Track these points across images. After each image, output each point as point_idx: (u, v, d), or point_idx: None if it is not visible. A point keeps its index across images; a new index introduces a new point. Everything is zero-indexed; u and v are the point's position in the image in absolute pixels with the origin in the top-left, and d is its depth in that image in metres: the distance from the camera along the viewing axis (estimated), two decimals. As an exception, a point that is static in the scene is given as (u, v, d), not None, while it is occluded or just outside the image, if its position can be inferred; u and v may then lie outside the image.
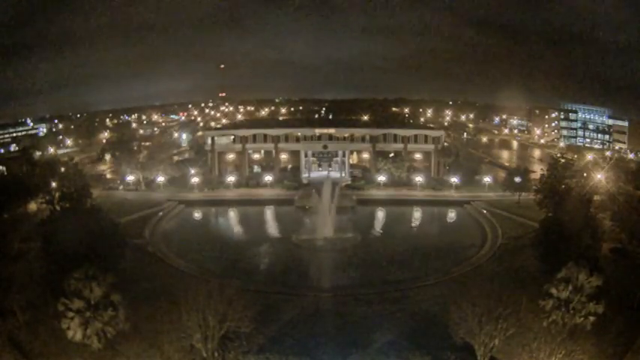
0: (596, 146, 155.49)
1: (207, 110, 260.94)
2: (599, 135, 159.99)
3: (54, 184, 72.79)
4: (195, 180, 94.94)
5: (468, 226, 76.04)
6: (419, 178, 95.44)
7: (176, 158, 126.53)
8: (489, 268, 55.69)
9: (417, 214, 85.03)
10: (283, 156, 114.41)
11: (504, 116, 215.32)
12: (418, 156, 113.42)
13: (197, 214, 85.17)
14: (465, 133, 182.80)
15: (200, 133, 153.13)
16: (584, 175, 80.00)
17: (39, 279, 45.24)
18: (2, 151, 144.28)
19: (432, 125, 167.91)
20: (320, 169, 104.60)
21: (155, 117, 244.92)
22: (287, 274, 55.77)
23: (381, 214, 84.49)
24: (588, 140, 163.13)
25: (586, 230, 47.97)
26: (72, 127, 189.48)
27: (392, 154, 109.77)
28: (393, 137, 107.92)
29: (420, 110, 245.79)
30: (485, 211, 79.51)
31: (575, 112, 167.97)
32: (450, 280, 51.31)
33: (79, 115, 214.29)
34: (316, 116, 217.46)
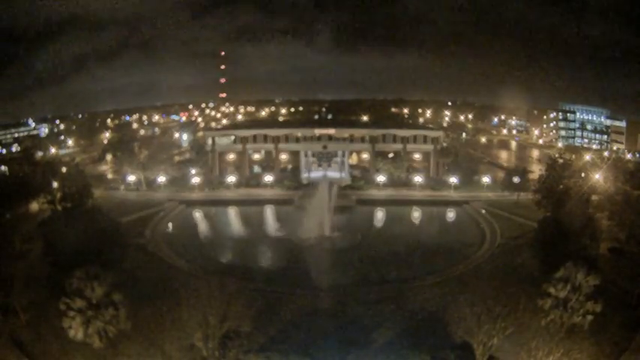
0: (594, 146, 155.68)
1: (207, 111, 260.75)
2: (597, 135, 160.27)
3: (55, 185, 72.96)
4: (195, 180, 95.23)
5: (466, 225, 76.33)
6: (418, 178, 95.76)
7: (177, 158, 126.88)
8: (488, 267, 55.96)
9: (416, 214, 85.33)
10: (283, 156, 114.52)
11: (503, 117, 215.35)
12: (417, 156, 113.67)
13: (198, 214, 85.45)
14: (464, 134, 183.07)
15: (201, 134, 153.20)
16: (583, 175, 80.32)
17: (40, 278, 45.67)
18: (4, 151, 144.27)
19: (431, 126, 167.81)
20: (320, 169, 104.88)
21: (156, 117, 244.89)
22: (286, 272, 56.12)
23: (380, 214, 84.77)
24: (586, 140, 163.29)
25: (584, 230, 48.35)
26: (73, 127, 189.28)
27: (391, 155, 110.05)
28: (393, 137, 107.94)
29: (419, 111, 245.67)
30: (483, 211, 79.78)
31: (574, 112, 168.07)
32: (449, 280, 51.65)
33: (80, 116, 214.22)
34: (316, 117, 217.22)
